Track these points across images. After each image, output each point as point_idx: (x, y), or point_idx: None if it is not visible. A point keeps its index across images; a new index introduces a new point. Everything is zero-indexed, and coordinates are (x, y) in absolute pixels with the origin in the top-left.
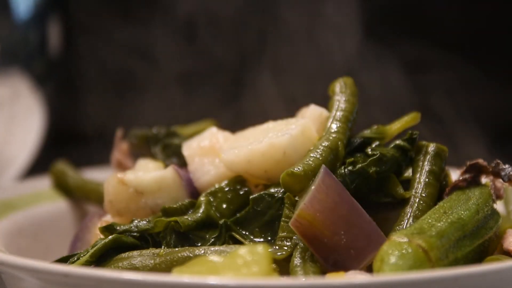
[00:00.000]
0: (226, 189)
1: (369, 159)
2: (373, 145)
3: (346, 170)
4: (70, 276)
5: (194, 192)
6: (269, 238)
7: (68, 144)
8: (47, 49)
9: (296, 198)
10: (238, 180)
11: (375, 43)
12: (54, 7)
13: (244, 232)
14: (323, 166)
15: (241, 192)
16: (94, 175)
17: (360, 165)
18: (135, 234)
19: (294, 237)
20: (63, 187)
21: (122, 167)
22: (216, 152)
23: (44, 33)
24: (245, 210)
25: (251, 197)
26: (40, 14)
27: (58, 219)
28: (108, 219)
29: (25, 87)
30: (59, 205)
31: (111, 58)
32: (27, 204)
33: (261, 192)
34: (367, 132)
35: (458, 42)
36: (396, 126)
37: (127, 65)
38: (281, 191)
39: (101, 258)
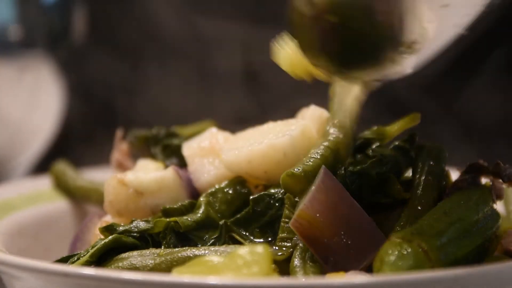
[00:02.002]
0: (226, 189)
1: (369, 160)
2: (373, 146)
3: (346, 171)
4: (70, 276)
5: (194, 192)
6: (269, 239)
7: (68, 144)
8: (71, 35)
9: (296, 199)
10: (238, 181)
11: None
12: None
13: (244, 233)
14: (323, 167)
15: (241, 193)
16: (94, 175)
17: (360, 166)
18: (135, 234)
19: (294, 238)
20: (63, 187)
21: (122, 168)
22: (216, 152)
23: (69, 18)
24: (245, 211)
25: (251, 197)
26: None
27: (58, 219)
28: (108, 219)
29: (47, 72)
30: (59, 205)
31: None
32: (27, 204)
33: (261, 193)
34: (367, 133)
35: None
36: (396, 127)
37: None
38: (281, 191)
39: (101, 258)
